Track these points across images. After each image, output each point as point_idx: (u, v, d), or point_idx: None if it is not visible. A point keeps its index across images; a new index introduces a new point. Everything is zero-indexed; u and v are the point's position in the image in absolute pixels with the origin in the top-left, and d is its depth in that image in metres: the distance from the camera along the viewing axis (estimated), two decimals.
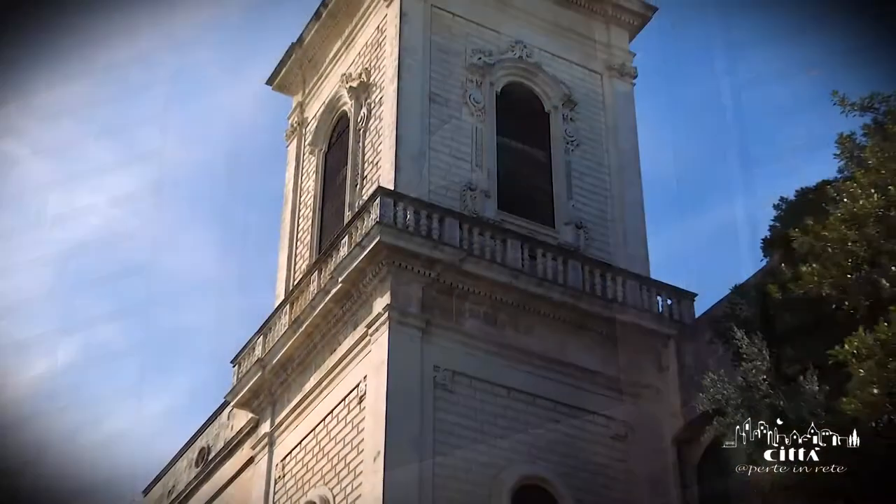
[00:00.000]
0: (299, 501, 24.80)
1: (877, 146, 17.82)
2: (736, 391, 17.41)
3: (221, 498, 29.56)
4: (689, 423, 23.57)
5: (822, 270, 17.41)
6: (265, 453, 27.03)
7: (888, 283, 16.50)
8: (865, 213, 17.22)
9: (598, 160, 29.22)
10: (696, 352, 24.01)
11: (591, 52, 30.82)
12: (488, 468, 22.80)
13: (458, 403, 23.30)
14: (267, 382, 27.37)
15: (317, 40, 32.35)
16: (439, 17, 28.86)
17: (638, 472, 24.21)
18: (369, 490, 21.95)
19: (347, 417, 23.92)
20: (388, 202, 24.30)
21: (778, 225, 21.08)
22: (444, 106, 27.76)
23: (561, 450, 23.81)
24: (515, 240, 25.51)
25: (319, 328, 25.62)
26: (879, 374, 14.96)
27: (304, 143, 32.16)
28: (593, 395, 24.81)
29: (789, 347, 17.75)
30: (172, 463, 33.73)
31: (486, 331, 24.38)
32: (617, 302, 25.70)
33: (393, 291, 23.47)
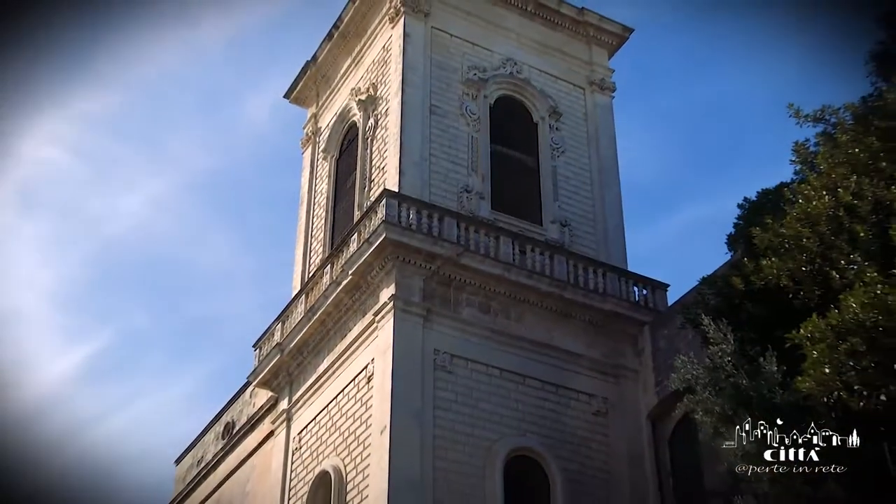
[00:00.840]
0: (314, 471, 24.77)
1: (828, 153, 17.86)
2: (704, 371, 17.42)
3: (245, 467, 29.61)
4: (662, 401, 23.77)
5: (780, 264, 17.54)
6: (283, 428, 27.08)
7: (838, 276, 16.58)
8: (818, 212, 17.30)
9: (581, 165, 29.22)
10: (669, 337, 24.06)
11: (575, 69, 30.84)
12: (483, 440, 22.83)
13: (456, 383, 23.31)
14: (285, 364, 27.41)
15: (329, 58, 32.34)
16: (439, 38, 28.86)
17: (617, 444, 24.27)
18: (377, 460, 22.01)
19: (357, 395, 23.95)
20: (393, 203, 24.36)
21: (741, 223, 21.09)
22: (443, 117, 27.76)
23: (548, 424, 23.85)
24: (507, 237, 25.58)
25: (332, 316, 25.66)
26: (831, 356, 14.99)
27: (317, 150, 32.14)
28: (577, 375, 24.83)
29: (751, 332, 17.71)
30: (201, 436, 33.80)
31: (481, 318, 24.38)
32: (598, 292, 25.76)
33: (397, 283, 23.52)
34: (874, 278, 15.53)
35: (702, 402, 17.29)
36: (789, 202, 18.23)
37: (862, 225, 16.69)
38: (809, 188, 17.71)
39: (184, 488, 33.73)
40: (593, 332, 25.42)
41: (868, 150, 17.01)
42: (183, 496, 33.60)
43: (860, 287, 15.45)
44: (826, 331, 15.19)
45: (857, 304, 15.02)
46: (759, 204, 20.73)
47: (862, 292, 15.21)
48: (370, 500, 21.89)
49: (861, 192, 16.83)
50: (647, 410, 24.52)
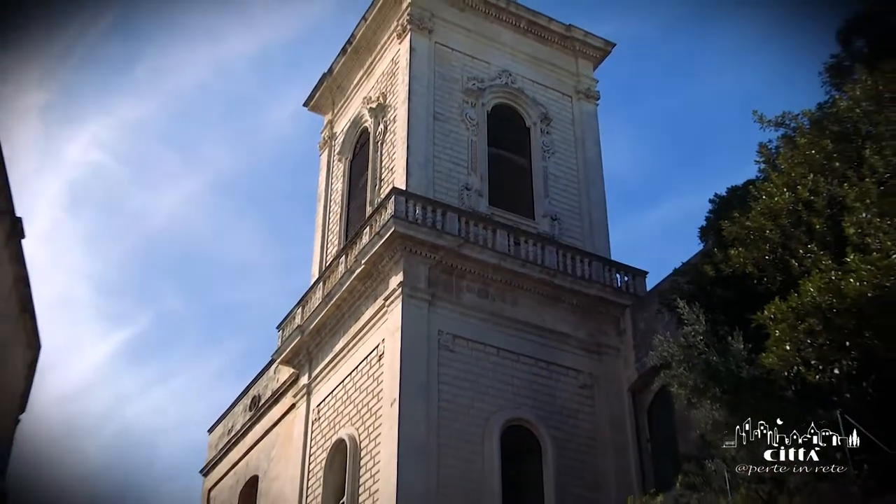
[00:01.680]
0: (331, 439, 24.78)
1: (788, 154, 17.96)
2: (678, 349, 17.39)
3: (270, 436, 29.64)
4: (642, 375, 23.76)
5: (746, 253, 17.62)
6: (304, 401, 27.07)
7: (797, 263, 16.72)
8: (779, 207, 17.40)
9: (568, 165, 29.16)
10: (647, 318, 24.05)
11: (563, 79, 30.76)
12: (482, 411, 22.86)
13: (458, 360, 23.31)
14: (305, 344, 27.36)
15: (343, 70, 32.26)
16: (441, 52, 28.81)
17: (601, 414, 24.29)
18: (387, 429, 22.07)
19: (369, 372, 23.95)
20: (401, 200, 24.37)
21: (712, 216, 21.11)
22: (445, 122, 27.71)
23: (540, 397, 23.85)
24: (503, 230, 25.53)
25: (346, 301, 25.63)
26: (791, 335, 15.07)
27: (333, 153, 32.07)
28: (565, 353, 24.82)
29: (721, 314, 17.69)
30: (231, 408, 33.81)
31: (480, 302, 24.37)
32: (584, 279, 25.75)
33: (405, 271, 23.51)
34: (829, 266, 15.60)
35: (677, 376, 17.28)
36: (754, 198, 18.27)
37: (818, 218, 16.80)
38: (772, 185, 17.80)
39: (216, 454, 33.79)
40: (580, 315, 25.37)
41: (823, 152, 17.07)
42: (215, 461, 33.65)
43: (817, 273, 15.49)
44: (787, 312, 15.24)
45: (814, 288, 15.07)
46: (727, 199, 20.75)
47: (818, 278, 15.26)
48: (382, 465, 21.88)
49: (817, 189, 16.91)
50: (628, 384, 24.50)
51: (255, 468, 30.22)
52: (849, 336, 14.71)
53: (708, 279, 18.73)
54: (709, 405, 16.51)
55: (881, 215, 15.41)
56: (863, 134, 16.72)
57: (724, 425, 16.23)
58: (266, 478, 29.22)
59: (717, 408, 16.38)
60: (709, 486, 15.75)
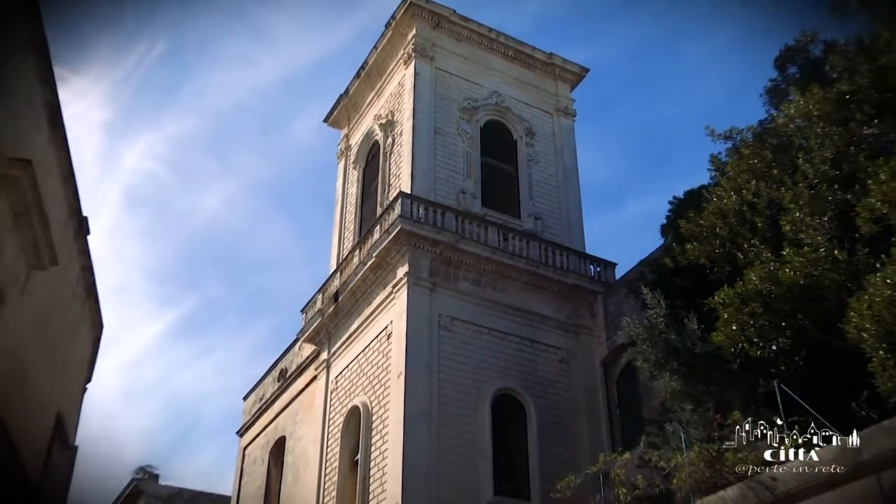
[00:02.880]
0: (347, 406, 24.81)
1: (734, 163, 18.01)
2: (642, 329, 17.48)
3: (295, 403, 29.72)
4: (612, 352, 23.74)
5: (700, 247, 17.66)
6: (324, 373, 27.06)
7: (742, 256, 16.80)
8: (727, 208, 17.48)
9: (549, 173, 29.08)
10: (616, 303, 24.04)
11: (545, 99, 30.65)
12: (475, 382, 22.86)
13: (455, 339, 23.29)
14: (325, 325, 27.36)
15: (357, 91, 32.18)
16: (441, 76, 28.74)
17: (576, 384, 24.27)
18: (395, 398, 22.13)
19: (379, 349, 23.96)
20: (407, 202, 24.35)
21: (671, 216, 21.04)
22: (445, 136, 27.62)
23: (525, 370, 23.84)
24: (494, 227, 25.48)
25: (360, 288, 25.60)
26: (737, 317, 15.19)
27: (348, 162, 32.02)
28: (547, 332, 24.77)
29: (678, 300, 17.71)
30: (262, 379, 33.82)
31: (474, 290, 24.31)
32: (563, 269, 25.70)
33: (410, 263, 23.51)
34: (768, 258, 15.74)
35: (641, 352, 17.42)
36: (706, 200, 18.30)
37: (760, 217, 16.91)
38: (721, 189, 17.87)
39: (250, 418, 33.86)
40: (559, 300, 25.31)
41: (764, 161, 17.16)
42: (249, 424, 33.73)
43: (758, 265, 15.63)
44: (733, 298, 15.35)
45: (756, 277, 15.21)
46: (684, 201, 20.66)
47: (759, 269, 15.39)
48: (390, 428, 21.93)
49: (759, 192, 17.01)
50: (599, 359, 24.45)
51: (283, 430, 30.29)
52: (784, 318, 14.86)
53: (667, 270, 18.75)
54: (668, 376, 16.65)
55: (812, 215, 15.56)
56: (796, 146, 16.82)
57: (680, 394, 16.39)
58: (292, 438, 29.30)
59: (675, 379, 16.50)
60: (667, 445, 15.70)
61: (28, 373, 13.18)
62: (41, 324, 13.95)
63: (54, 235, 13.14)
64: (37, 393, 13.96)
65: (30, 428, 13.45)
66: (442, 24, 29.42)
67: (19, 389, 12.49)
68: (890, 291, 12.18)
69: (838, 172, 15.44)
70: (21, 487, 11.29)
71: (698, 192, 20.06)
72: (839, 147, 15.63)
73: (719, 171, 18.88)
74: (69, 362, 16.76)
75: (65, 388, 16.59)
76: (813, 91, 16.58)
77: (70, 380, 17.14)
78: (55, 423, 15.75)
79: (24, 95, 12.06)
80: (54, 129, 13.37)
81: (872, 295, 12.55)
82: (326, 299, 27.56)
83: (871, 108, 15.45)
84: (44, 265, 12.99)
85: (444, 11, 29.42)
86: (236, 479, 33.38)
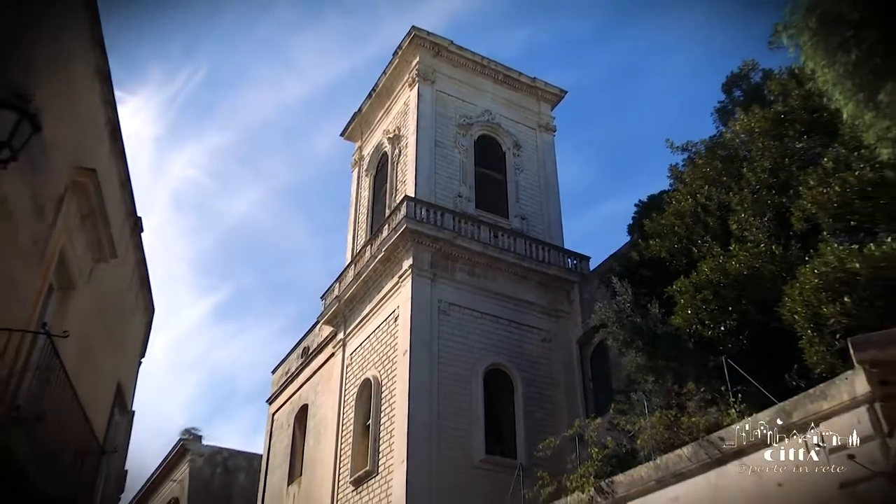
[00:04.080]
0: (360, 378, 24.88)
1: (690, 171, 18.18)
2: (612, 313, 17.64)
3: (315, 376, 29.82)
4: (586, 332, 23.80)
5: (661, 243, 17.87)
6: (340, 350, 27.12)
7: (696, 251, 16.93)
8: (684, 210, 17.66)
9: (533, 179, 29.13)
10: (590, 291, 24.10)
11: (529, 117, 30.70)
12: (469, 359, 22.95)
13: (452, 322, 23.34)
14: (341, 310, 27.41)
15: (369, 110, 32.17)
16: (441, 97, 28.76)
17: (556, 360, 24.36)
18: (401, 372, 22.24)
19: (388, 330, 24.02)
20: (411, 204, 24.46)
21: (637, 216, 21.17)
22: (444, 148, 27.68)
23: (512, 348, 23.91)
24: (486, 226, 25.54)
25: (371, 278, 25.67)
26: (692, 303, 15.37)
27: (361, 170, 32.02)
28: (531, 316, 24.84)
29: (643, 288, 17.86)
30: (288, 355, 33.85)
31: (469, 279, 24.38)
32: (545, 262, 25.78)
33: (414, 257, 23.59)
34: (718, 252, 15.88)
35: (611, 333, 17.61)
36: (666, 203, 18.51)
37: (711, 218, 17.08)
38: (678, 194, 18.09)
39: (277, 389, 33.91)
40: (542, 288, 25.37)
41: (714, 170, 17.33)
42: (276, 394, 33.76)
43: (710, 258, 15.78)
44: (688, 286, 15.55)
45: (707, 269, 15.40)
46: (647, 204, 20.82)
47: (710, 261, 15.56)
48: (397, 397, 22.04)
49: (710, 196, 17.18)
50: (575, 339, 24.51)
51: (306, 399, 30.40)
52: (731, 303, 15.03)
53: (633, 262, 18.89)
54: (633, 353, 16.84)
55: (754, 215, 15.77)
56: (741, 157, 17.03)
57: (644, 368, 16.60)
58: (313, 406, 29.40)
59: (640, 355, 16.69)
60: (633, 411, 15.96)
61: (94, 350, 13.41)
62: (104, 308, 14.17)
63: (114, 233, 13.25)
64: (101, 366, 14.18)
65: (96, 395, 13.68)
66: (441, 53, 29.48)
67: (87, 364, 12.74)
68: (817, 280, 12.36)
69: (775, 180, 15.67)
70: (91, 444, 11.56)
71: (659, 196, 20.20)
72: (776, 158, 15.84)
73: (677, 179, 19.12)
74: (126, 341, 16.93)
75: (123, 363, 16.77)
76: (754, 111, 16.84)
77: (127, 355, 17.30)
78: (116, 392, 15.90)
79: (90, 115, 12.29)
80: (114, 143, 13.55)
81: (803, 283, 12.73)
82: (342, 287, 27.62)
83: (802, 126, 15.68)
84: (106, 259, 13.13)
85: (443, 42, 29.49)
86: (266, 440, 33.46)
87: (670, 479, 12.35)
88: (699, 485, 11.79)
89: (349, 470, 23.75)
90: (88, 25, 11.37)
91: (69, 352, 10.74)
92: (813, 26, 8.71)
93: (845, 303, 11.77)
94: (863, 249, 11.82)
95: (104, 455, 13.25)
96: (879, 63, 8.06)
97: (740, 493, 11.01)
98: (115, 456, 16.19)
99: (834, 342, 11.99)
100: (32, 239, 10.09)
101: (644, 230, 18.71)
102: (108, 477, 15.18)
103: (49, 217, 10.62)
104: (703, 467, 11.76)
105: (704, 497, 11.63)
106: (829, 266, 12.16)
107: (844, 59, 8.41)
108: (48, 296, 11.13)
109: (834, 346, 11.98)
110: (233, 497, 39.37)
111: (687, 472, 12.09)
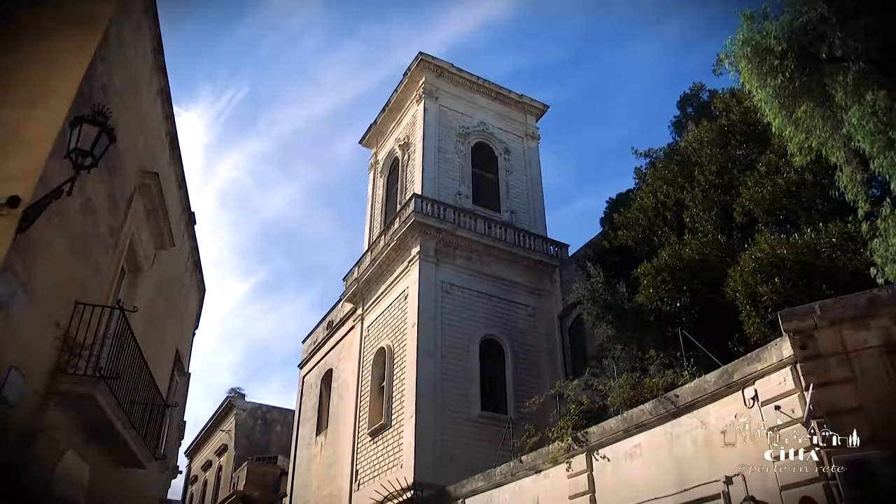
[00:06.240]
0: (376, 347, 24.86)
1: (651, 173, 18.24)
2: (587, 293, 17.70)
3: (338, 346, 29.81)
4: (565, 309, 23.77)
5: (628, 233, 17.89)
6: (359, 323, 27.07)
7: (657, 240, 16.96)
8: (646, 206, 17.67)
9: (521, 179, 29.04)
10: (569, 273, 24.09)
11: (517, 127, 30.59)
12: (467, 330, 22.94)
13: (453, 299, 23.32)
14: (360, 289, 27.38)
15: (383, 121, 32.05)
16: (443, 111, 28.70)
17: (540, 332, 24.30)
18: (410, 342, 22.26)
19: (399, 306, 24.03)
20: (418, 201, 24.42)
21: (607, 211, 21.24)
22: (446, 153, 27.61)
23: (504, 322, 23.85)
24: (481, 219, 25.49)
25: (385, 263, 25.63)
26: (653, 283, 15.46)
27: (377, 172, 31.92)
28: (519, 294, 24.77)
29: (612, 271, 17.91)
30: (316, 327, 33.74)
31: (467, 264, 24.33)
32: (531, 249, 25.71)
33: (420, 245, 23.60)
34: (674, 241, 16.05)
35: (586, 309, 17.70)
36: (632, 200, 18.59)
37: (669, 212, 17.12)
38: (642, 192, 18.13)
39: (306, 356, 33.85)
40: (528, 271, 25.29)
41: (672, 172, 17.42)
42: (306, 360, 33.62)
43: (668, 246, 15.89)
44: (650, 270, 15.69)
45: (665, 255, 15.52)
46: (616, 201, 20.90)
47: (668, 249, 15.66)
48: (407, 363, 22.06)
49: (668, 194, 17.21)
50: (556, 313, 24.48)
51: (331, 364, 30.41)
52: (685, 283, 15.17)
53: (605, 249, 18.95)
54: (605, 326, 16.95)
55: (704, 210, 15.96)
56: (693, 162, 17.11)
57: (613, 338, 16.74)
58: (337, 370, 29.41)
59: (610, 327, 16.78)
60: (604, 374, 16.01)
61: (157, 322, 13.71)
62: (165, 287, 14.45)
63: (172, 226, 13.47)
64: (163, 336, 14.47)
65: (159, 360, 13.99)
66: (444, 74, 29.42)
67: (152, 333, 13.04)
68: (754, 264, 12.59)
69: (721, 181, 15.79)
70: (156, 400, 11.90)
71: (626, 194, 20.27)
72: (721, 163, 16.00)
73: (641, 179, 19.26)
74: (183, 314, 17.17)
75: (181, 333, 17.01)
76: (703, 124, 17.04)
77: (184, 327, 17.49)
78: (175, 357, 16.14)
79: (154, 128, 12.57)
80: (173, 150, 13.79)
81: (743, 267, 12.95)
82: (361, 271, 27.62)
83: (741, 137, 15.87)
84: (166, 247, 13.37)
85: (445, 64, 29.43)
86: (298, 398, 33.51)
87: (634, 430, 12.48)
88: (658, 434, 11.93)
89: (367, 423, 23.87)
90: (153, 55, 11.64)
91: (138, 324, 11.06)
92: (748, 55, 8.98)
93: (776, 283, 12.01)
94: (789, 239, 12.06)
95: (167, 408, 13.55)
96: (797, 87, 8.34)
97: (691, 439, 11.22)
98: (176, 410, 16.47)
99: (767, 315, 12.17)
100: (109, 230, 10.41)
101: (613, 222, 18.77)
102: (170, 426, 15.51)
103: (122, 212, 10.92)
104: (661, 419, 11.88)
105: (662, 443, 11.79)
106: (763, 253, 12.38)
107: (773, 82, 8.69)
108: (121, 277, 11.45)
109: (767, 318, 12.16)
110: (271, 444, 40.01)
111: (648, 423, 12.18)
